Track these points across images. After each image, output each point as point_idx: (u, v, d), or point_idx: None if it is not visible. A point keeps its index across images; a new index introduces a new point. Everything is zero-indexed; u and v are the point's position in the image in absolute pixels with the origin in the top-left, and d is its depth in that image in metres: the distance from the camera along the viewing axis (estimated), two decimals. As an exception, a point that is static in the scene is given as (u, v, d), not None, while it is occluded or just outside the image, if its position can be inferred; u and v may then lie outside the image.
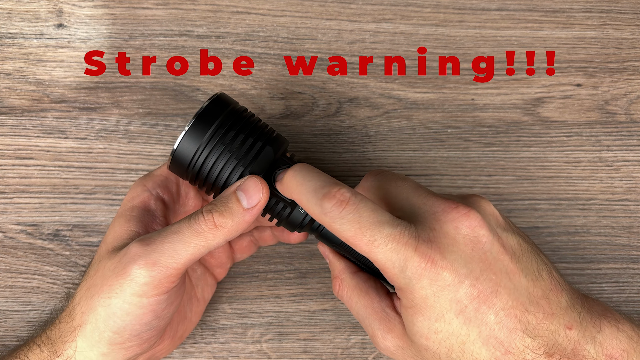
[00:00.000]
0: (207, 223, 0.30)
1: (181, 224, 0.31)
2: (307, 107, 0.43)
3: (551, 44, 0.44)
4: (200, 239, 0.30)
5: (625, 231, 0.42)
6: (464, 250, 0.28)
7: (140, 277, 0.30)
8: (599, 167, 0.43)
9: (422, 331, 0.29)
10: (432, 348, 0.29)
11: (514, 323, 0.28)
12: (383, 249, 0.28)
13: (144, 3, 0.43)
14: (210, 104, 0.32)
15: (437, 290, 0.28)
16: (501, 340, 0.28)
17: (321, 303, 0.41)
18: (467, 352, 0.28)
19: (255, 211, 0.31)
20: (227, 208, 0.30)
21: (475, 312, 0.28)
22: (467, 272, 0.28)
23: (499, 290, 0.28)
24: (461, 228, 0.29)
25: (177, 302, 0.33)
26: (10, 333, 0.40)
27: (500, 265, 0.29)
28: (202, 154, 0.31)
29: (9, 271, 0.41)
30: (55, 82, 0.42)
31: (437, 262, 0.28)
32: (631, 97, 0.44)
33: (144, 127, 0.42)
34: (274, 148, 0.32)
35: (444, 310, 0.28)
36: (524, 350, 0.28)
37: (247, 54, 0.43)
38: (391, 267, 0.28)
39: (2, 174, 0.42)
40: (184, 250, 0.30)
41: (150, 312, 0.31)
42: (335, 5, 0.44)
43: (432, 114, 0.43)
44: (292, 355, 0.41)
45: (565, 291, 0.30)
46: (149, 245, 0.30)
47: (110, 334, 0.31)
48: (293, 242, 0.38)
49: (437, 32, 0.44)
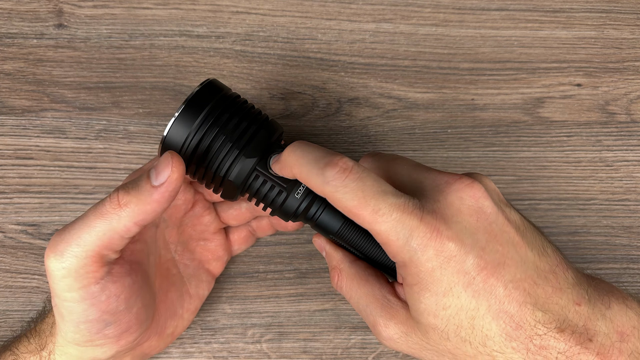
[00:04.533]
0: (112, 202, 0.28)
1: (89, 208, 0.29)
2: (307, 107, 0.43)
3: (551, 44, 0.44)
4: (103, 221, 0.28)
5: (625, 231, 0.42)
6: (468, 221, 0.27)
7: (56, 271, 0.29)
8: (599, 167, 0.43)
9: (430, 308, 0.27)
10: (440, 326, 0.28)
11: (524, 296, 0.27)
12: (387, 219, 0.27)
13: (144, 3, 0.43)
14: (202, 89, 0.31)
15: (443, 261, 0.27)
16: (512, 315, 0.27)
17: (321, 303, 0.41)
18: (477, 328, 0.27)
19: (164, 189, 0.28)
20: (134, 185, 0.28)
21: (484, 284, 0.27)
22: (473, 242, 0.27)
23: (506, 261, 0.27)
24: (465, 198, 0.28)
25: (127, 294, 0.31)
26: (10, 333, 0.40)
27: (507, 237, 0.28)
28: (193, 139, 0.30)
29: (9, 271, 0.41)
30: (55, 82, 0.42)
31: (442, 232, 0.27)
32: (631, 97, 0.44)
33: (144, 127, 0.42)
34: (269, 132, 0.31)
35: (452, 283, 0.27)
36: (535, 325, 0.27)
37: (247, 54, 0.43)
38: (395, 238, 0.27)
39: (2, 174, 0.42)
40: (89, 236, 0.28)
41: (90, 306, 0.30)
42: (335, 5, 0.44)
43: (432, 114, 0.43)
44: (292, 355, 0.41)
45: (571, 269, 0.29)
46: (59, 235, 0.29)
47: (72, 334, 0.31)
48: (290, 229, 0.37)
49: (437, 32, 0.44)
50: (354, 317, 0.41)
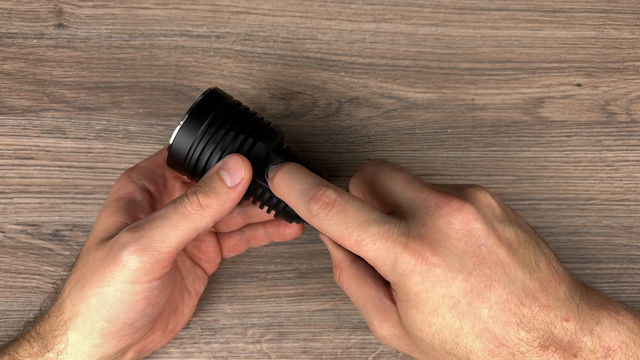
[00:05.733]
0: (193, 205, 0.30)
1: (167, 209, 0.31)
2: (307, 107, 0.43)
3: (551, 44, 0.44)
4: (187, 221, 0.30)
5: (625, 231, 0.42)
6: (456, 246, 0.28)
7: (131, 263, 0.30)
8: (599, 167, 0.43)
9: (416, 324, 0.29)
10: (426, 340, 0.29)
11: (508, 316, 0.28)
12: (372, 248, 0.28)
13: (144, 3, 0.43)
14: (204, 98, 0.32)
15: (429, 286, 0.28)
16: (495, 334, 0.28)
17: (321, 303, 0.41)
18: (460, 345, 0.28)
19: (239, 189, 0.31)
20: (211, 188, 0.31)
21: (469, 306, 0.28)
22: (460, 267, 0.28)
23: (493, 284, 0.28)
24: (454, 223, 0.28)
25: (170, 289, 0.33)
26: (10, 333, 0.40)
27: (495, 259, 0.28)
28: (197, 148, 0.32)
29: (9, 271, 0.41)
30: (55, 82, 0.42)
31: (428, 258, 0.28)
32: (631, 97, 0.44)
33: (144, 127, 0.42)
34: (266, 143, 0.32)
35: (437, 305, 0.28)
36: (518, 343, 0.28)
37: (247, 54, 0.43)
38: (382, 264, 0.28)
39: (2, 174, 0.42)
40: (173, 234, 0.30)
41: (143, 299, 0.31)
42: (335, 5, 0.44)
43: (432, 114, 0.43)
44: (292, 355, 0.41)
45: (565, 282, 0.29)
46: (139, 231, 0.31)
47: (104, 323, 0.31)
48: (289, 238, 0.38)
49: (437, 32, 0.44)
50: (354, 317, 0.41)
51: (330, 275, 0.41)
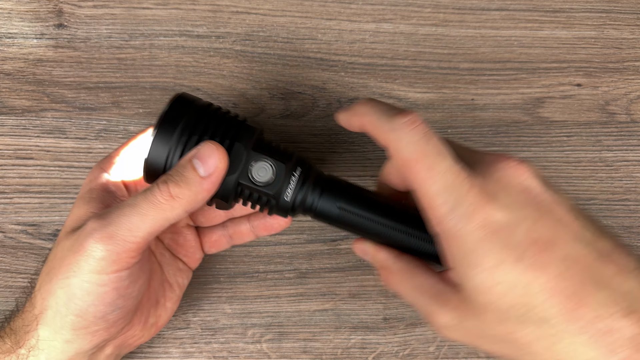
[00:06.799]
0: (163, 194, 0.29)
1: (137, 197, 0.30)
2: (307, 107, 0.43)
3: (551, 44, 0.44)
4: (157, 210, 0.29)
5: (625, 231, 0.42)
6: (518, 196, 0.27)
7: (97, 252, 0.29)
8: (599, 167, 0.43)
9: (481, 285, 0.26)
10: (493, 307, 0.26)
11: (582, 274, 0.25)
12: (440, 179, 0.27)
13: (144, 3, 0.43)
14: (172, 106, 0.31)
15: (489, 233, 0.26)
16: (572, 292, 0.25)
17: (321, 303, 0.41)
18: (532, 306, 0.25)
19: (213, 179, 0.30)
20: (183, 177, 0.29)
21: (535, 259, 0.25)
22: (522, 215, 0.26)
23: (559, 238, 0.26)
24: (514, 176, 0.27)
25: (142, 280, 0.32)
26: (10, 333, 0.40)
27: (559, 215, 0.27)
28: (173, 159, 0.30)
29: (9, 271, 0.41)
30: (55, 82, 0.42)
31: (491, 202, 0.26)
32: (631, 97, 0.44)
33: (144, 127, 0.42)
34: (244, 142, 0.31)
35: (501, 257, 0.25)
36: (597, 306, 0.24)
37: (247, 54, 0.43)
38: (443, 202, 0.27)
39: (2, 174, 0.42)
40: (142, 223, 0.29)
41: (112, 290, 0.30)
42: (335, 5, 0.44)
43: (432, 114, 0.43)
44: (292, 355, 0.41)
45: (632, 255, 0.27)
46: (105, 219, 0.30)
47: (73, 317, 0.30)
48: (276, 229, 0.37)
49: (437, 32, 0.44)
50: (354, 317, 0.41)
51: (331, 275, 0.41)
